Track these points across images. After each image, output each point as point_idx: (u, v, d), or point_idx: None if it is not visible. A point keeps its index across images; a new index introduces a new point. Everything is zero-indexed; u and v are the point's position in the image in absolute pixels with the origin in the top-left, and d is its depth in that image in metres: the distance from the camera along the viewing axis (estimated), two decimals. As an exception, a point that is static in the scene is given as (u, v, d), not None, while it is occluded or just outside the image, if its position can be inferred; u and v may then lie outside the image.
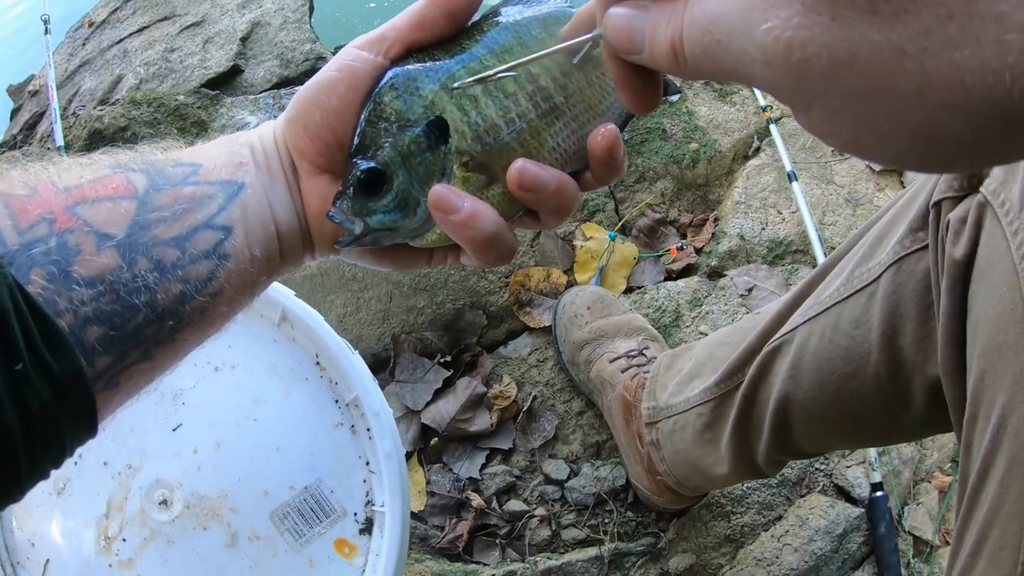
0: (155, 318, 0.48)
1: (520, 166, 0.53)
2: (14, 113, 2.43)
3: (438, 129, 0.54)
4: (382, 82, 0.55)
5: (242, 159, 0.55)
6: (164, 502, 0.94)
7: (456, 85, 0.54)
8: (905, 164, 0.34)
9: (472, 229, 0.53)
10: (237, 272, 0.53)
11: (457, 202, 0.53)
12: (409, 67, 0.55)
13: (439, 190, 0.53)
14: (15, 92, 2.50)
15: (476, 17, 0.57)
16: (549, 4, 0.57)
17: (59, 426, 0.43)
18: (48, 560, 0.95)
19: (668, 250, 1.68)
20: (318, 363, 0.98)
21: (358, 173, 0.54)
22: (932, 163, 0.33)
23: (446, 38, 0.56)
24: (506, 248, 0.55)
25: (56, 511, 0.96)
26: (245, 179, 0.54)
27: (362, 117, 0.55)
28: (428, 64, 0.55)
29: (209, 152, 0.55)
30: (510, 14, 0.57)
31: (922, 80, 0.29)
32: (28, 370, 0.40)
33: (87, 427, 0.46)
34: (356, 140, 0.55)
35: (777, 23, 0.32)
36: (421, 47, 0.56)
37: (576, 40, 0.50)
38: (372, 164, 0.54)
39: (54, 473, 0.46)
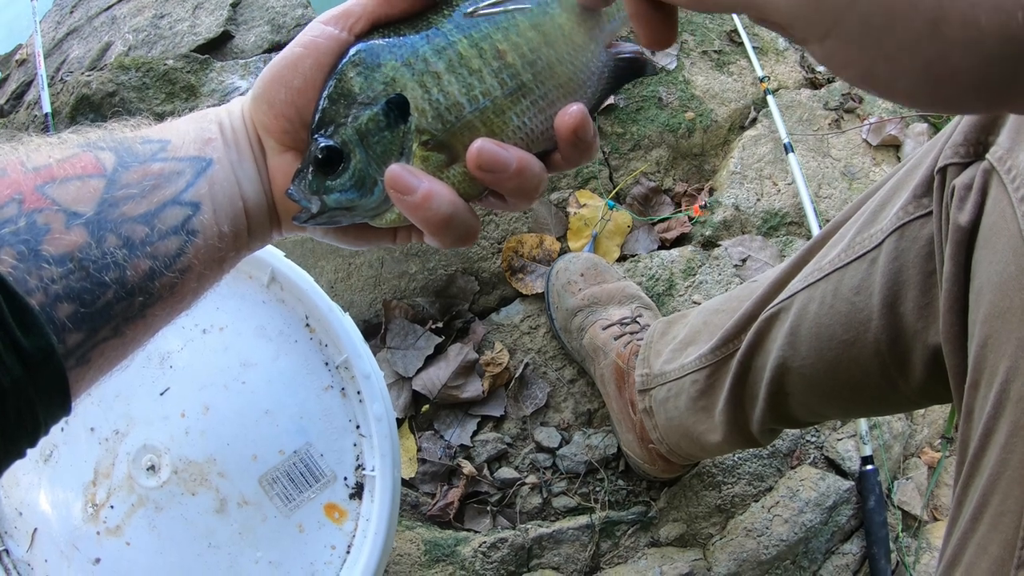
0: (125, 294, 0.48)
1: (479, 145, 0.51)
2: (1, 83, 2.40)
3: (397, 107, 0.53)
4: (344, 58, 0.54)
5: (210, 135, 0.55)
6: (152, 468, 0.93)
7: (471, 10, 0.53)
8: (917, 100, 0.35)
9: (428, 210, 0.52)
10: (206, 248, 0.53)
11: (413, 182, 0.52)
12: (372, 42, 0.54)
13: (395, 170, 0.53)
14: (2, 62, 2.47)
15: None
16: None
17: (32, 403, 0.43)
18: (36, 529, 0.95)
19: (691, 208, 1.66)
20: (308, 325, 0.97)
21: (315, 151, 0.54)
22: (943, 100, 0.34)
23: (414, 14, 0.54)
24: (465, 230, 0.54)
25: (43, 479, 0.95)
26: (213, 155, 0.54)
27: (323, 94, 0.54)
28: (392, 40, 0.54)
29: (178, 128, 0.55)
30: None
31: (937, 14, 0.31)
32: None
33: (60, 404, 0.46)
34: (316, 117, 0.54)
35: None
36: (388, 22, 0.55)
37: None
38: (329, 142, 0.53)
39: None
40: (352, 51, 0.54)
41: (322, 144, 0.53)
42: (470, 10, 0.53)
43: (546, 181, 0.55)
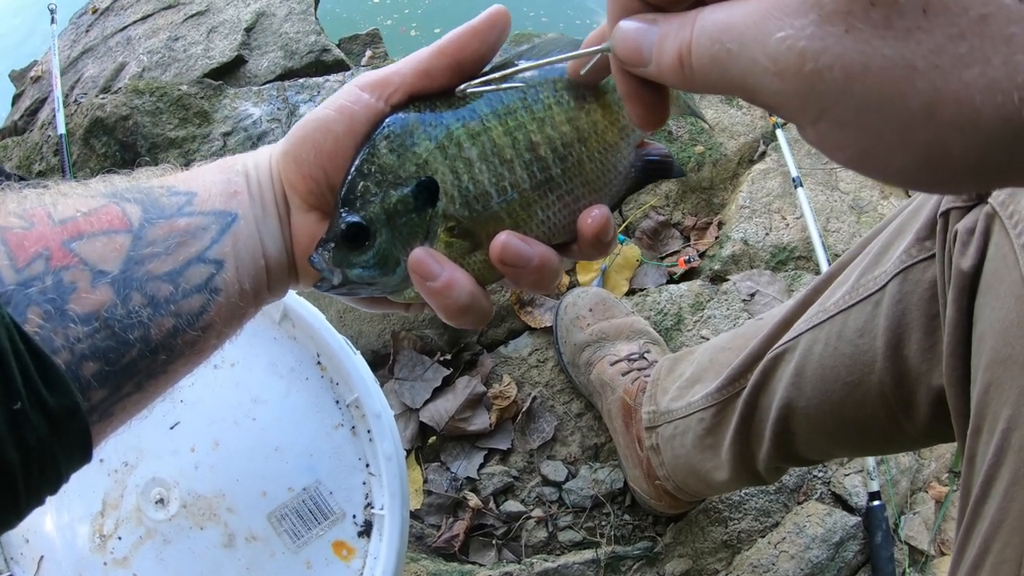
0: (148, 352, 0.48)
1: (504, 241, 0.52)
2: (15, 99, 2.42)
3: (427, 191, 0.53)
4: (379, 130, 0.53)
5: (236, 188, 0.55)
6: (160, 501, 0.94)
7: (462, 87, 0.53)
8: (912, 181, 0.34)
9: (447, 298, 0.53)
10: (227, 305, 0.53)
11: (436, 269, 0.53)
12: (408, 118, 0.53)
13: (419, 255, 0.53)
14: (17, 77, 2.49)
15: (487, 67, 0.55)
16: (562, 66, 0.54)
17: (55, 457, 0.43)
18: (43, 557, 0.95)
19: (676, 261, 1.67)
20: (319, 363, 0.97)
21: (341, 224, 0.53)
22: (939, 182, 0.34)
23: (451, 90, 0.54)
24: (479, 314, 0.55)
25: (51, 507, 0.95)
26: (238, 210, 0.54)
27: (354, 165, 0.53)
28: (428, 117, 0.53)
29: (204, 179, 0.55)
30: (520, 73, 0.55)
31: (932, 97, 0.30)
32: (26, 407, 0.40)
33: (82, 455, 0.46)
34: (345, 188, 0.53)
35: (791, 32, 0.32)
36: (424, 96, 0.54)
37: (586, 51, 0.49)
38: (356, 219, 0.53)
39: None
40: (387, 124, 0.53)
41: (349, 220, 0.53)
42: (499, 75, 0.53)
43: (562, 273, 0.56)
